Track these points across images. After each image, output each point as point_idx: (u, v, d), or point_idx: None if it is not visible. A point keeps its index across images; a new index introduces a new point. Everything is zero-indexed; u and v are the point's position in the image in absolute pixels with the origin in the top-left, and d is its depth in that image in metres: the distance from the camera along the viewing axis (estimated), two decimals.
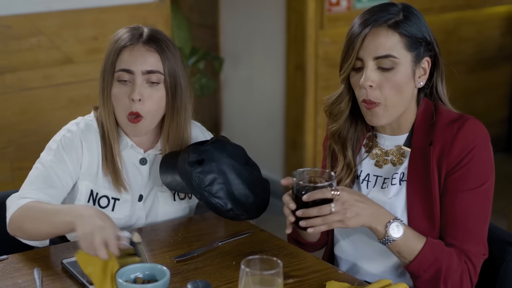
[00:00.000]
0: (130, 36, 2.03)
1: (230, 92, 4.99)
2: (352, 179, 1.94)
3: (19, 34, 3.24)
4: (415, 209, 1.83)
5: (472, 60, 4.96)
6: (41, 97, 3.34)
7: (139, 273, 1.66)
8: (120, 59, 2.01)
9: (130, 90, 2.00)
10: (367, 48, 1.79)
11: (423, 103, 1.88)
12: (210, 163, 2.00)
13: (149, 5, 3.55)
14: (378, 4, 1.86)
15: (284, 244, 1.98)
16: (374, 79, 1.79)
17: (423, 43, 1.82)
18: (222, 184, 1.99)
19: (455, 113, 1.86)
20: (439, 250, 1.78)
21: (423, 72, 1.85)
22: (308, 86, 4.25)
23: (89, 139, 2.07)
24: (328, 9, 4.20)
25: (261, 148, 4.70)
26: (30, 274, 1.79)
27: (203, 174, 1.98)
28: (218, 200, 1.97)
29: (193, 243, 1.99)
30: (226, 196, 1.98)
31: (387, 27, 1.79)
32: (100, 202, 2.07)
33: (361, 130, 1.96)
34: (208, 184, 1.98)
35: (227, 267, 1.85)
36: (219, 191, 1.98)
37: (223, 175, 2.00)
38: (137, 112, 2.00)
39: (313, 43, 4.19)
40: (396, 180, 1.87)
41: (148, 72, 2.00)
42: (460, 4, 4.79)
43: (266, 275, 1.46)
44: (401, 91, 1.81)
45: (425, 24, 1.84)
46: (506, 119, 5.26)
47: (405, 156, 1.89)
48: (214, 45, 5.01)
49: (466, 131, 1.80)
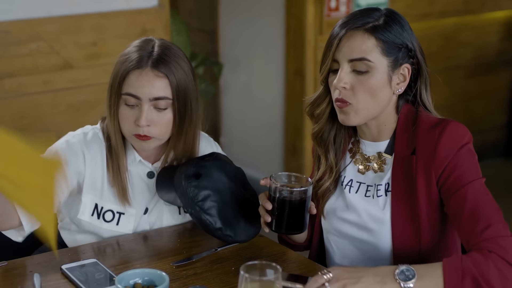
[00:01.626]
0: (139, 58, 1.95)
1: (230, 97, 4.99)
2: (334, 182, 1.94)
3: (18, 39, 3.24)
4: (398, 220, 1.82)
5: (471, 65, 4.96)
6: (41, 103, 3.34)
7: (138, 279, 1.66)
8: (127, 82, 1.95)
9: (137, 115, 1.95)
10: (342, 50, 1.80)
11: (404, 110, 1.87)
12: (207, 179, 1.97)
13: (149, 10, 3.55)
14: (362, 8, 1.87)
15: (284, 250, 1.98)
16: (348, 80, 1.79)
17: (402, 49, 1.81)
18: (215, 202, 1.96)
19: (436, 118, 1.85)
20: (458, 261, 1.66)
21: (402, 78, 1.83)
22: (307, 91, 4.25)
23: (93, 151, 2.04)
24: (327, 14, 4.21)
25: (261, 153, 4.70)
26: (30, 280, 1.79)
27: (198, 189, 1.95)
28: (209, 217, 1.94)
29: (192, 248, 1.99)
30: (217, 214, 1.95)
31: (364, 31, 1.79)
32: (105, 217, 2.05)
33: (344, 134, 1.95)
34: (202, 199, 1.95)
35: (226, 272, 1.84)
36: (211, 208, 1.95)
37: (218, 193, 1.97)
38: (145, 135, 1.97)
39: (312, 48, 4.20)
40: (381, 192, 1.86)
41: (155, 99, 1.95)
42: (459, 9, 4.80)
43: (265, 280, 1.46)
44: (374, 95, 1.80)
45: (409, 31, 1.83)
46: (505, 124, 5.26)
47: (386, 163, 1.88)
48: (213, 50, 5.01)
49: (449, 134, 1.78)
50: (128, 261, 1.91)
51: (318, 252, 2.04)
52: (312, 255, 2.05)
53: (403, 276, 1.63)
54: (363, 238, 1.88)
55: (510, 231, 1.74)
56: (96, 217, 2.05)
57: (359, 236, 1.89)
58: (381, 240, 1.85)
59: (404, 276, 1.63)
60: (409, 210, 1.81)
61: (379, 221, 1.85)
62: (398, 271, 1.64)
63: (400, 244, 1.83)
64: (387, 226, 1.84)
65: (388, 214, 1.84)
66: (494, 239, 1.69)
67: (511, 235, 1.72)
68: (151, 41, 2.01)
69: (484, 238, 1.70)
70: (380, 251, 1.86)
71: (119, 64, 1.99)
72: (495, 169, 4.46)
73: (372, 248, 1.87)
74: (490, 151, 5.11)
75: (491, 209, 1.74)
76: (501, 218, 1.75)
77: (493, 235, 1.70)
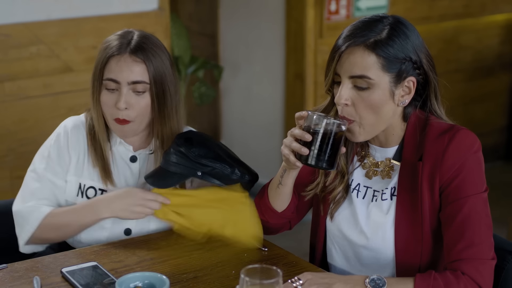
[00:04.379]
0: (118, 45, 2.07)
1: (230, 101, 5.00)
2: (345, 187, 1.93)
3: (18, 43, 3.25)
4: (402, 225, 1.82)
5: (471, 68, 4.96)
6: (41, 106, 3.34)
7: (138, 282, 1.66)
8: (107, 68, 2.07)
9: (116, 98, 2.06)
10: (343, 66, 1.77)
11: (413, 117, 1.85)
12: (197, 139, 2.08)
13: (149, 13, 3.55)
14: (367, 19, 1.81)
15: (284, 253, 1.98)
16: (349, 97, 1.77)
17: (406, 62, 1.77)
18: (217, 153, 2.07)
19: (446, 124, 1.83)
20: (431, 280, 1.70)
21: (407, 90, 1.80)
22: (307, 95, 4.25)
23: (75, 138, 2.15)
24: (327, 17, 4.21)
25: (261, 156, 4.70)
26: (30, 283, 1.79)
27: (196, 148, 2.05)
28: (219, 165, 2.04)
29: (193, 252, 1.99)
30: (225, 161, 2.06)
31: (364, 47, 1.75)
32: (88, 193, 2.13)
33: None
34: (204, 155, 2.04)
35: (226, 276, 1.84)
36: (218, 158, 2.06)
37: (214, 147, 2.08)
38: (124, 119, 2.07)
39: (312, 52, 4.20)
40: (386, 195, 1.86)
41: (133, 83, 2.06)
42: (459, 13, 4.80)
43: (266, 284, 1.46)
44: (377, 111, 1.78)
45: (415, 40, 1.79)
46: (505, 127, 5.26)
47: (394, 170, 1.87)
48: (213, 53, 5.02)
49: (457, 143, 1.77)
50: (129, 264, 1.91)
51: (323, 253, 2.04)
52: (317, 255, 2.04)
53: (373, 284, 1.69)
54: (365, 242, 1.88)
55: (492, 254, 1.75)
56: (80, 195, 2.13)
57: (361, 239, 1.88)
58: (383, 245, 1.85)
59: (374, 283, 1.70)
60: (412, 215, 1.81)
61: (383, 225, 1.84)
62: (369, 280, 1.70)
63: (402, 249, 1.83)
64: (390, 230, 1.84)
65: (392, 218, 1.84)
66: (472, 261, 1.73)
67: (491, 258, 1.75)
68: (131, 32, 2.13)
69: (462, 258, 1.73)
70: (382, 254, 1.86)
71: (101, 52, 2.10)
72: (494, 173, 4.46)
73: (374, 252, 1.87)
74: (489, 154, 5.10)
75: (480, 228, 1.75)
76: (488, 238, 1.76)
77: (472, 257, 1.73)
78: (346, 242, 1.93)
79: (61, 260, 1.92)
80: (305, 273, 1.73)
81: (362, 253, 1.90)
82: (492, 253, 1.76)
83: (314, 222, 2.04)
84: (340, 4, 4.23)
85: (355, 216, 1.90)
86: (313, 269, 1.88)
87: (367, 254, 1.88)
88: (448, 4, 4.72)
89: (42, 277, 1.81)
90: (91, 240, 2.10)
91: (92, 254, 1.96)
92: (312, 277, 1.72)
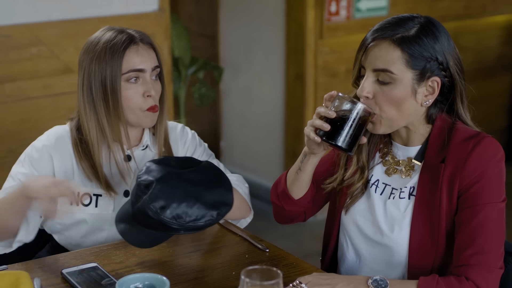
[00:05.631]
0: (129, 37, 2.07)
1: (230, 102, 5.00)
2: (364, 183, 1.94)
3: (19, 44, 3.25)
4: (418, 225, 1.82)
5: (471, 69, 4.97)
6: (41, 107, 3.34)
7: (139, 283, 1.66)
8: (126, 60, 2.05)
9: (143, 88, 2.07)
10: (368, 58, 1.80)
11: (439, 120, 1.86)
12: (158, 185, 1.81)
13: (149, 14, 3.56)
14: (400, 16, 1.84)
15: (284, 254, 1.98)
16: (370, 90, 1.79)
17: (431, 62, 1.78)
18: (184, 201, 1.81)
19: (472, 130, 1.84)
20: (434, 284, 1.71)
21: (431, 90, 1.81)
22: (307, 96, 4.25)
23: (60, 150, 2.10)
24: (328, 18, 4.21)
25: (261, 157, 4.70)
26: None
27: (155, 199, 1.79)
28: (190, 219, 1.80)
29: (192, 253, 1.98)
30: (194, 209, 1.81)
31: (390, 41, 1.77)
32: (83, 201, 2.10)
33: (378, 136, 1.95)
34: (163, 207, 1.79)
35: (226, 277, 1.84)
36: (183, 213, 1.80)
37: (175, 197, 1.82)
38: (155, 105, 2.09)
39: (312, 53, 4.20)
40: (404, 194, 1.86)
41: (155, 67, 2.10)
42: (459, 14, 4.80)
43: (266, 285, 1.46)
44: (397, 107, 1.79)
45: (444, 43, 1.81)
46: (505, 128, 5.26)
47: (414, 169, 1.88)
48: (213, 54, 5.02)
49: (481, 150, 1.77)
50: (129, 265, 1.91)
51: (334, 250, 2.04)
52: (329, 252, 2.04)
53: (376, 284, 1.71)
54: (380, 238, 1.88)
55: (500, 263, 1.75)
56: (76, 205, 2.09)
57: (376, 235, 1.89)
58: (397, 243, 1.85)
59: (377, 284, 1.71)
60: (430, 216, 1.81)
61: (399, 223, 1.85)
62: (372, 280, 1.72)
63: (416, 249, 1.83)
64: (405, 229, 1.84)
65: (409, 218, 1.84)
66: (479, 268, 1.73)
67: (499, 268, 1.75)
68: (121, 28, 2.11)
69: (470, 263, 1.74)
70: (395, 253, 1.86)
71: (104, 51, 2.05)
72: None
73: (387, 249, 1.87)
74: None
75: (492, 236, 1.75)
76: (499, 248, 1.76)
77: (480, 263, 1.73)
78: (360, 236, 1.92)
79: (61, 261, 1.92)
80: (306, 276, 1.74)
81: (374, 250, 1.89)
82: (500, 263, 1.76)
83: (329, 218, 2.04)
84: (340, 5, 4.23)
85: (372, 211, 1.90)
86: (313, 270, 1.88)
87: (380, 251, 1.88)
88: (448, 5, 4.72)
89: (43, 278, 1.81)
90: (91, 241, 2.10)
91: (92, 255, 1.96)
92: (313, 278, 1.72)
